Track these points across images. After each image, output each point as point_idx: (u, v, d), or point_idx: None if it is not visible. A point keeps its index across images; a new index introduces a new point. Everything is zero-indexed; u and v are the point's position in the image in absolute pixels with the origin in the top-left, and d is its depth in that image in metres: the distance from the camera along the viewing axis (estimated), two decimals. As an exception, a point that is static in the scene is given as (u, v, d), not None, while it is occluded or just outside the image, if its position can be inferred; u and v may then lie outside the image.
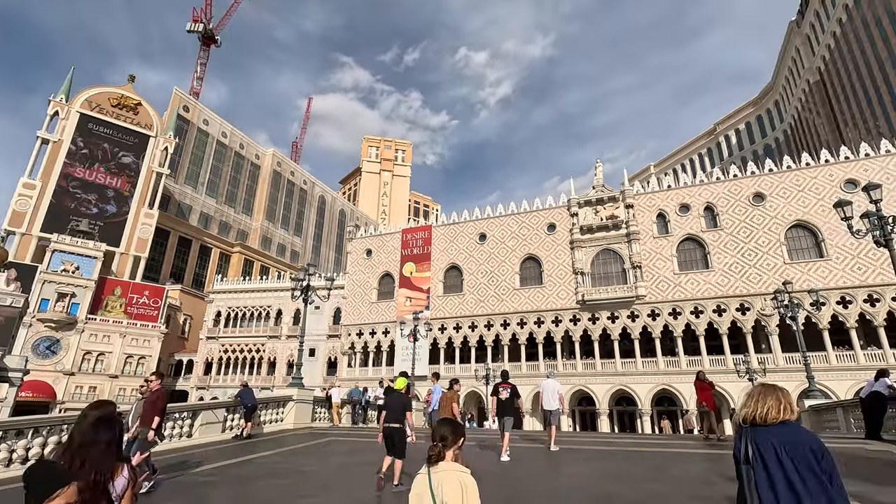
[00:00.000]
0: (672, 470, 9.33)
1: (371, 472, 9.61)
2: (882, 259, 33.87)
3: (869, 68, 77.63)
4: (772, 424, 2.87)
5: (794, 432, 2.83)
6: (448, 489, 2.61)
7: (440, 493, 2.62)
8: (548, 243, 44.80)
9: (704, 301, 37.97)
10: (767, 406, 2.92)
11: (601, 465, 9.52)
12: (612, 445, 13.61)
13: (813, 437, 2.83)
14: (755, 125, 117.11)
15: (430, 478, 2.68)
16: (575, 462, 10.21)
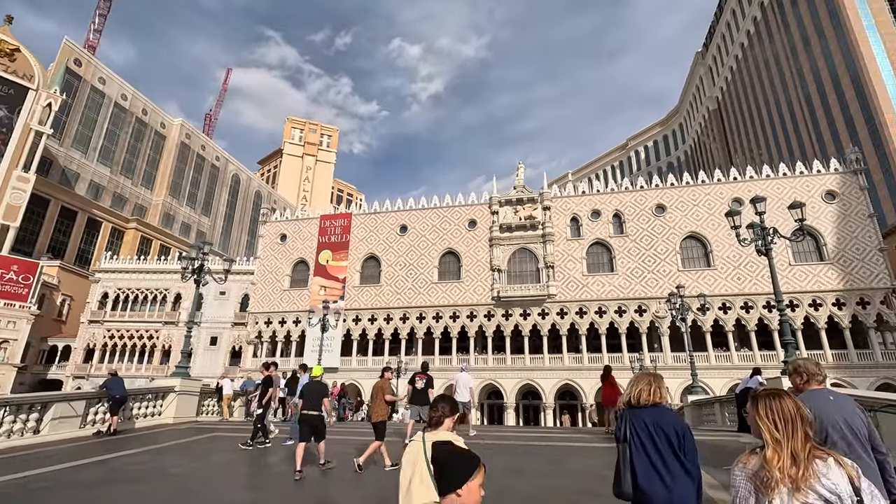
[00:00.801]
0: (570, 464, 9.40)
1: (258, 471, 8.72)
2: (757, 271, 38.05)
3: (757, 103, 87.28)
4: (644, 406, 3.26)
5: (662, 414, 3.21)
6: None
7: None
8: (468, 239, 45.20)
9: (608, 302, 40.34)
10: (640, 389, 3.31)
11: (502, 460, 9.37)
12: (515, 439, 13.70)
13: (677, 419, 3.21)
14: (661, 143, 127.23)
15: (424, 444, 2.76)
16: (517, 457, 10.01)
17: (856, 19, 62.34)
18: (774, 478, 1.99)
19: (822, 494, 1.92)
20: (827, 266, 36.89)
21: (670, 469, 3.01)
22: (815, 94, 70.23)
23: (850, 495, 1.92)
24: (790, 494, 1.95)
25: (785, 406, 2.13)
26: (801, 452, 2.00)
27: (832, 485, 1.92)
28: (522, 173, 46.46)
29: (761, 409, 2.16)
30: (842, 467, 1.98)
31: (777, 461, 2.01)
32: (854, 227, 37.49)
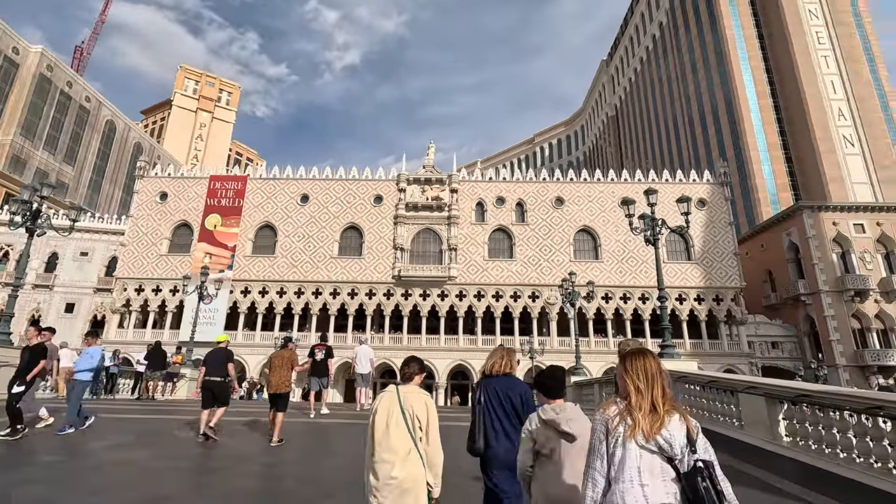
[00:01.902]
0: (452, 442, 9.06)
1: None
2: (636, 266, 41.72)
3: (648, 115, 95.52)
4: (496, 375, 3.75)
5: (511, 382, 3.75)
6: (416, 404, 3.17)
7: (409, 406, 3.14)
8: (373, 215, 43.90)
9: (505, 287, 41.73)
10: (493, 361, 3.81)
11: (330, 439, 8.85)
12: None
13: (523, 386, 3.75)
14: (565, 142, 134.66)
15: (398, 394, 3.19)
16: (353, 439, 9.33)
17: (734, 53, 70.36)
18: (636, 421, 2.15)
19: (660, 443, 2.13)
20: (693, 265, 41.54)
21: (515, 428, 3.55)
22: (696, 113, 78.46)
23: (682, 446, 2.14)
24: (643, 439, 2.13)
25: (648, 363, 2.32)
26: (660, 403, 2.19)
27: (669, 435, 2.13)
28: (433, 153, 46.07)
29: (628, 365, 2.34)
30: (683, 422, 2.20)
31: (640, 408, 2.18)
32: (717, 232, 42.56)
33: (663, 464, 2.14)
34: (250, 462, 7.08)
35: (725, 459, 6.59)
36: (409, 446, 3.04)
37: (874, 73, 67.34)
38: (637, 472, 2.10)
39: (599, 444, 2.23)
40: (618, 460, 2.15)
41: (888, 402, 4.94)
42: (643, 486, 2.08)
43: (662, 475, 2.12)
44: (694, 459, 2.14)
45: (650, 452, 2.13)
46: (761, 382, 6.92)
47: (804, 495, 4.93)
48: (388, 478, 2.98)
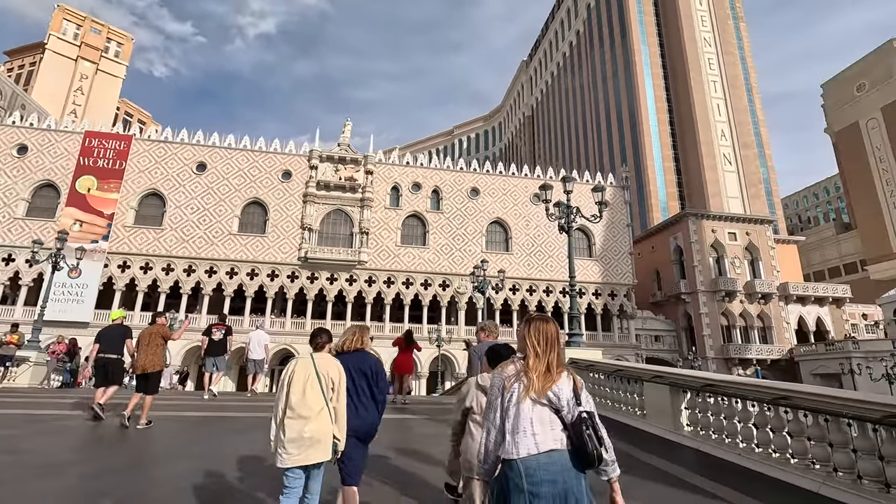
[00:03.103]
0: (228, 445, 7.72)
1: None
2: (543, 260, 43.31)
3: (561, 118, 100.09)
4: (349, 352, 4.06)
5: (363, 357, 4.06)
6: (331, 369, 3.67)
7: (324, 370, 3.62)
8: (280, 191, 40.90)
9: (416, 274, 41.15)
10: (346, 339, 4.15)
11: (243, 440, 7.55)
12: (257, 410, 11.87)
13: (374, 361, 4.10)
14: (482, 137, 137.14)
15: (314, 360, 3.68)
16: (220, 435, 8.03)
17: (640, 69, 75.79)
18: (531, 381, 2.39)
19: (550, 398, 2.37)
20: (593, 262, 44.02)
21: (370, 399, 3.93)
22: (603, 120, 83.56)
23: (569, 400, 2.38)
24: (535, 396, 2.37)
25: (549, 329, 2.55)
26: (554, 365, 2.44)
27: (558, 390, 2.38)
28: (349, 131, 43.93)
29: (532, 328, 2.55)
30: (570, 379, 2.46)
31: (536, 369, 2.42)
32: (616, 232, 45.48)
33: (552, 415, 2.38)
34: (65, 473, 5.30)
35: (628, 449, 6.39)
36: (321, 405, 3.48)
37: (751, 101, 76.28)
38: (529, 423, 2.33)
39: (496, 399, 2.45)
40: (512, 414, 2.36)
41: (794, 393, 4.89)
42: (534, 434, 2.31)
43: (551, 425, 2.36)
44: (579, 411, 2.38)
45: (541, 406, 2.37)
46: (667, 372, 6.86)
47: (713, 490, 4.74)
48: (301, 433, 3.37)
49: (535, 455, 2.26)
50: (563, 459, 2.28)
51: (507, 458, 2.31)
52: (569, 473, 2.27)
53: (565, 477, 2.25)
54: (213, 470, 5.37)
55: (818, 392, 4.61)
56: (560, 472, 2.25)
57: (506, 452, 2.31)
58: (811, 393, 4.67)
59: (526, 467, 2.23)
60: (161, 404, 10.01)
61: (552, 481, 2.21)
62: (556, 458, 2.28)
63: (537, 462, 2.24)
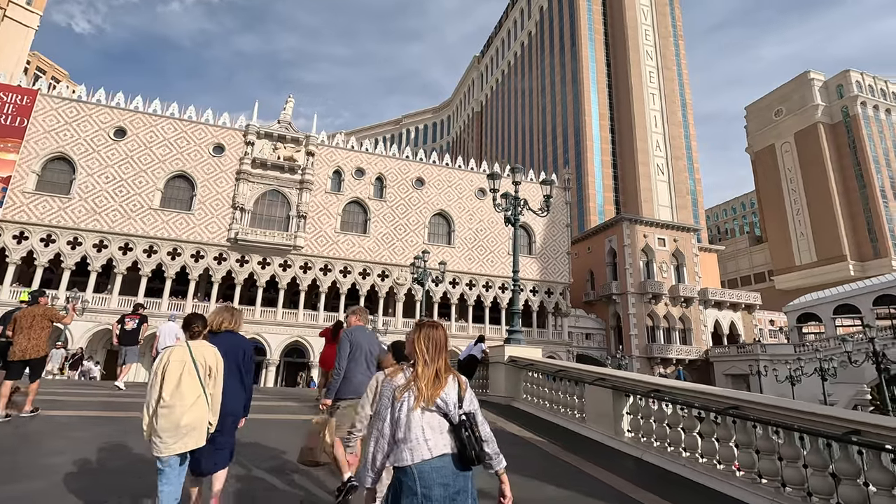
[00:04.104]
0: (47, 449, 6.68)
1: None
2: (484, 256, 43.37)
3: (508, 118, 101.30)
4: (221, 332, 4.02)
5: (235, 338, 4.05)
6: (210, 357, 3.59)
7: (201, 358, 3.54)
8: (210, 166, 37.95)
9: (355, 263, 39.80)
10: (221, 318, 4.10)
11: (97, 433, 6.42)
12: None
13: (246, 343, 4.11)
14: (431, 129, 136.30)
15: (190, 349, 3.54)
16: (78, 428, 6.85)
17: (587, 77, 78.00)
18: (421, 390, 2.43)
19: (438, 404, 2.43)
20: (533, 259, 44.68)
21: (238, 383, 3.92)
22: (549, 123, 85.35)
23: (454, 403, 2.46)
24: (425, 404, 2.41)
25: (438, 335, 2.61)
26: (443, 372, 2.51)
27: (445, 395, 2.45)
28: (291, 108, 41.56)
29: (421, 335, 2.59)
30: (456, 382, 2.54)
31: (425, 377, 2.47)
32: (556, 232, 46.42)
33: (441, 419, 2.44)
34: None
35: (577, 463, 5.95)
36: (198, 393, 3.44)
37: (685, 117, 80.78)
38: (421, 430, 2.37)
39: (385, 409, 2.48)
40: (404, 423, 2.39)
41: (745, 403, 4.62)
42: (427, 440, 2.36)
43: (441, 429, 2.42)
44: (460, 413, 2.44)
45: (430, 412, 2.43)
46: (611, 375, 6.53)
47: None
48: (177, 421, 3.32)
49: (429, 460, 2.32)
50: (454, 462, 2.38)
51: (400, 466, 2.36)
52: (458, 476, 2.36)
53: (455, 480, 2.34)
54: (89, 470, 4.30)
55: (771, 403, 4.35)
56: (451, 476, 2.34)
57: (399, 460, 2.36)
58: (763, 403, 4.41)
59: (420, 472, 2.30)
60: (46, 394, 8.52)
61: (444, 484, 2.30)
62: (447, 461, 2.36)
63: (430, 467, 2.31)
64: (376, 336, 5.18)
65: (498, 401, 9.89)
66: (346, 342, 4.76)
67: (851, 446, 3.73)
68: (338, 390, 4.66)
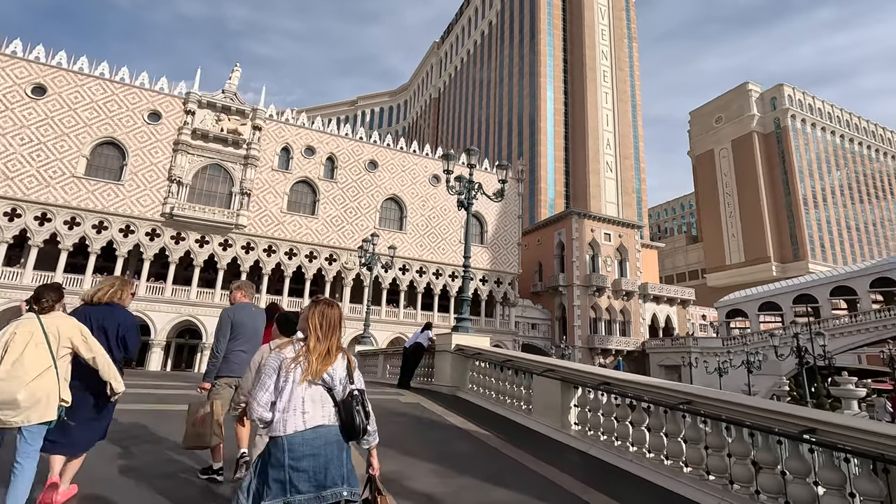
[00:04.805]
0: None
1: None
2: (435, 243, 43.02)
3: (466, 106, 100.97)
4: (99, 304, 3.83)
5: (113, 312, 3.83)
6: (65, 327, 3.41)
7: (55, 330, 3.36)
8: (144, 133, 35.09)
9: (301, 245, 38.32)
10: (102, 289, 3.89)
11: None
12: None
13: (126, 317, 3.89)
14: (387, 112, 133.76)
15: (41, 321, 3.36)
16: None
17: (544, 73, 78.73)
18: (311, 364, 2.47)
19: (325, 379, 2.49)
20: (484, 249, 44.83)
21: (113, 352, 3.69)
22: (505, 114, 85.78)
23: (342, 379, 2.54)
24: (312, 378, 2.46)
25: (333, 314, 2.65)
26: (333, 349, 2.57)
27: (332, 371, 2.52)
28: (238, 78, 39.11)
29: (316, 313, 2.62)
30: (345, 359, 2.62)
31: (317, 352, 2.51)
32: (507, 222, 46.77)
33: (324, 393, 2.51)
34: None
35: (513, 453, 5.66)
36: (46, 365, 3.30)
37: (634, 117, 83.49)
38: (301, 402, 2.42)
39: (268, 378, 2.45)
40: (286, 394, 2.43)
41: (697, 398, 4.46)
42: (304, 412, 2.41)
43: (322, 402, 2.49)
44: (350, 389, 2.53)
45: (315, 385, 2.49)
46: (561, 366, 6.30)
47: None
48: (14, 394, 3.18)
49: (302, 431, 2.36)
50: (329, 434, 2.43)
51: (273, 436, 2.38)
52: (332, 447, 2.41)
53: (327, 450, 2.39)
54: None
55: (726, 399, 4.21)
56: (323, 446, 2.38)
57: (273, 430, 2.38)
58: (718, 399, 4.26)
59: (290, 443, 2.33)
60: None
61: (314, 455, 2.34)
62: (321, 433, 2.40)
63: (302, 438, 2.35)
64: (262, 312, 4.95)
65: (443, 390, 9.56)
66: (226, 323, 4.55)
67: (802, 444, 3.61)
68: (218, 370, 4.47)
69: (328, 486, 2.33)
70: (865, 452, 3.23)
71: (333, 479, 2.35)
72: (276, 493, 2.28)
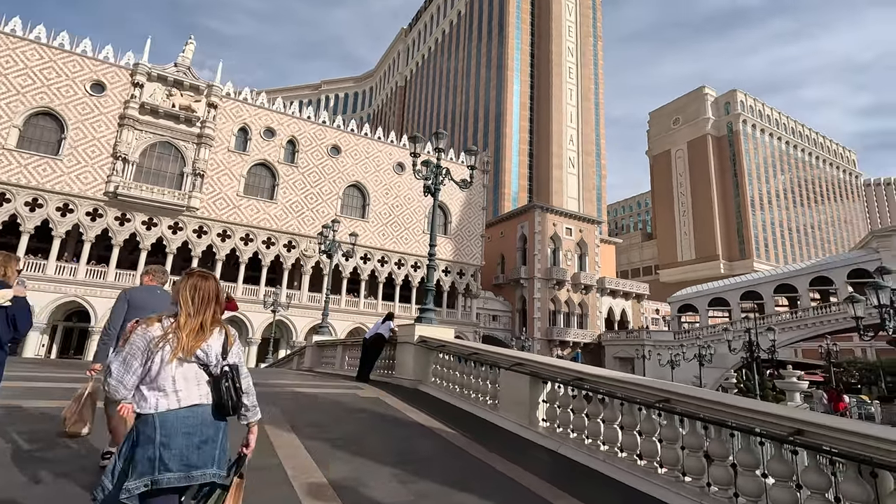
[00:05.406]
0: None
1: None
2: (398, 233, 42.35)
3: (431, 96, 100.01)
4: None
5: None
6: None
7: None
8: (86, 105, 32.54)
9: (258, 230, 36.79)
10: None
11: None
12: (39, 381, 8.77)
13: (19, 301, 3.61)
14: (352, 98, 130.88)
15: None
16: None
17: (511, 66, 78.77)
18: (180, 340, 2.31)
19: (198, 355, 2.35)
20: (448, 239, 44.51)
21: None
22: (472, 106, 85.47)
23: (217, 355, 2.40)
24: (183, 355, 2.31)
25: (208, 286, 2.47)
26: (208, 324, 2.41)
27: (207, 347, 2.37)
28: (192, 52, 36.85)
29: (188, 286, 2.44)
30: (222, 334, 2.47)
31: (188, 328, 2.34)
32: (472, 214, 46.61)
33: (198, 371, 2.37)
34: None
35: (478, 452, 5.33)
36: None
37: (597, 115, 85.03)
38: (172, 380, 2.28)
39: (133, 359, 2.29)
40: (155, 372, 2.28)
41: (675, 395, 4.24)
42: (177, 391, 2.28)
43: (197, 380, 2.35)
44: (223, 365, 2.40)
45: (188, 363, 2.33)
46: (530, 360, 6.01)
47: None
48: None
49: (175, 410, 2.26)
50: (205, 413, 2.32)
51: (143, 413, 2.28)
52: (208, 426, 2.31)
53: (203, 429, 2.29)
54: None
55: (707, 398, 4.01)
56: (199, 426, 2.28)
57: (143, 407, 2.28)
58: (698, 398, 4.05)
59: (162, 421, 2.23)
60: None
61: (188, 434, 2.24)
62: (198, 412, 2.30)
63: (176, 416, 2.25)
64: (168, 295, 4.63)
65: (405, 384, 9.15)
66: (122, 302, 4.26)
67: (784, 446, 3.43)
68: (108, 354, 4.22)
69: (199, 466, 2.23)
70: (855, 456, 3.06)
71: (205, 460, 2.25)
72: (143, 470, 2.15)
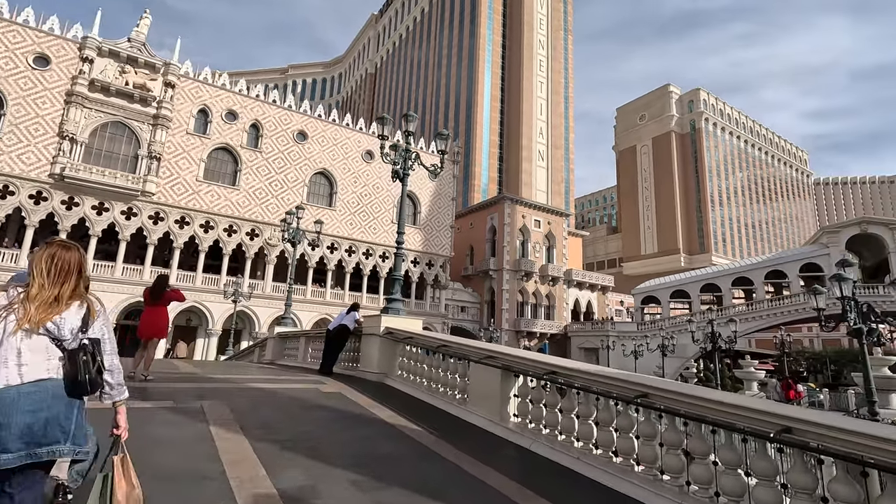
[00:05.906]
0: None
1: None
2: (366, 222, 41.58)
3: (401, 84, 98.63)
4: None
5: None
6: None
7: None
8: (28, 80, 30.25)
9: (219, 217, 35.33)
10: None
11: None
12: None
13: None
14: (320, 84, 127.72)
15: None
16: None
17: (483, 58, 78.34)
18: (28, 311, 2.19)
19: (48, 328, 2.22)
20: (417, 230, 44.01)
21: None
22: (443, 96, 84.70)
23: (73, 329, 2.26)
24: (30, 327, 2.18)
25: (68, 257, 2.34)
26: (66, 297, 2.28)
27: (60, 320, 2.24)
28: (147, 27, 34.75)
29: (44, 256, 2.31)
30: (83, 308, 2.33)
31: (39, 300, 2.22)
32: (441, 204, 46.23)
33: (49, 344, 2.24)
34: None
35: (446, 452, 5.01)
36: None
37: (566, 108, 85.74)
38: (17, 353, 2.16)
39: None
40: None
41: (653, 390, 4.02)
42: (20, 365, 2.16)
43: (47, 354, 2.22)
44: (81, 339, 2.28)
45: (38, 336, 2.21)
46: (502, 353, 5.73)
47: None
48: None
49: (17, 385, 2.15)
50: (55, 388, 2.22)
51: None
52: (58, 402, 2.21)
53: (52, 405, 2.19)
54: None
55: (688, 393, 3.80)
56: (45, 401, 2.18)
57: None
58: (679, 392, 3.84)
59: (1, 398, 2.11)
60: None
61: (33, 411, 2.14)
62: (46, 386, 2.20)
63: (18, 392, 2.14)
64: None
65: (370, 377, 8.76)
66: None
67: (770, 444, 3.25)
68: None
69: (45, 443, 2.11)
70: (847, 455, 2.88)
71: (55, 437, 2.14)
72: None
